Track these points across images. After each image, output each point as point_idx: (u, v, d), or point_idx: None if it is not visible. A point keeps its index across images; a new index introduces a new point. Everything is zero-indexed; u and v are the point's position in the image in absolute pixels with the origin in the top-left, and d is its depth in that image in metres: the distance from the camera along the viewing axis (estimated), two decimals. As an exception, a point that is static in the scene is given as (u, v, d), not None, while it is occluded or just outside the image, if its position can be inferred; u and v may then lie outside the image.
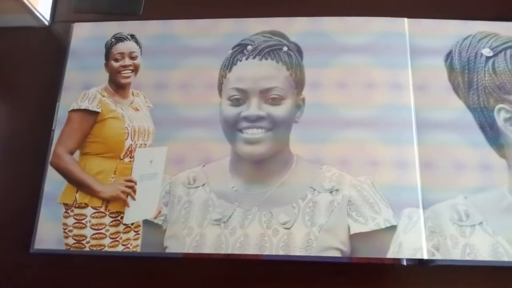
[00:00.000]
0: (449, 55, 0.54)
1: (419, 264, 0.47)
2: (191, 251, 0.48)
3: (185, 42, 0.57)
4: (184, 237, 0.48)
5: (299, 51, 0.55)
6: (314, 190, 0.49)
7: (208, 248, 0.48)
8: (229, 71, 0.55)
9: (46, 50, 0.60)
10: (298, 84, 0.54)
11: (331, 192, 0.49)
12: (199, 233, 0.49)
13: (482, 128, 0.51)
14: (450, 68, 0.54)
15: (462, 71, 0.53)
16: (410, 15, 0.56)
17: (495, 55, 0.54)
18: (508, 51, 0.54)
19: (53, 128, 0.54)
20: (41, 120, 0.55)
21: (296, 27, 0.56)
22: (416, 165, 0.50)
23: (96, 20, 0.60)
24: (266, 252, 0.47)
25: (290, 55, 0.55)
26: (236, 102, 0.53)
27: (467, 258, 0.46)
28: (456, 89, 0.53)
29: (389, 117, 0.52)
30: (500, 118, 0.51)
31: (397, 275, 0.48)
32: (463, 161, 0.50)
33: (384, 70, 0.53)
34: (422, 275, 0.48)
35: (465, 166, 0.50)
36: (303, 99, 0.53)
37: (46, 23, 0.61)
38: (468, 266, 0.48)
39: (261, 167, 0.51)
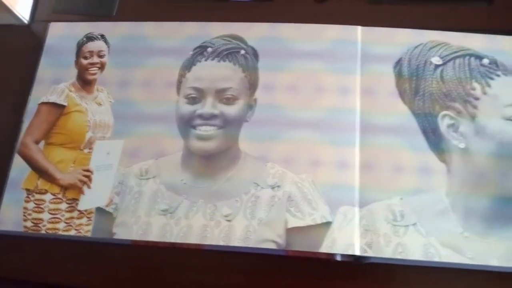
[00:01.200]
0: (398, 63, 0.56)
1: (354, 260, 0.49)
2: (138, 239, 0.51)
3: (150, 43, 0.60)
4: (132, 225, 0.51)
5: (255, 54, 0.58)
6: (258, 185, 0.52)
7: (154, 236, 0.51)
8: (189, 71, 0.58)
9: (24, 48, 0.64)
10: (252, 85, 0.56)
11: (273, 188, 0.52)
12: (145, 222, 0.51)
13: (425, 133, 0.53)
14: (399, 74, 0.56)
15: (410, 78, 0.55)
16: (365, 24, 0.58)
17: (444, 63, 0.56)
18: (457, 60, 0.56)
19: (22, 120, 0.58)
20: (14, 113, 0.59)
21: (254, 32, 0.59)
22: (356, 166, 0.52)
23: (73, 20, 0.64)
24: (207, 242, 0.50)
25: (247, 58, 0.57)
26: (192, 100, 0.56)
27: (399, 256, 0.48)
28: (402, 94, 0.55)
29: (335, 119, 0.54)
30: (443, 124, 0.53)
31: (333, 270, 0.50)
32: (403, 164, 0.52)
33: (334, 76, 0.56)
34: (357, 272, 0.50)
35: (405, 169, 0.51)
36: (255, 100, 0.56)
37: (25, 22, 0.65)
38: (404, 265, 0.49)
39: (210, 162, 0.54)
